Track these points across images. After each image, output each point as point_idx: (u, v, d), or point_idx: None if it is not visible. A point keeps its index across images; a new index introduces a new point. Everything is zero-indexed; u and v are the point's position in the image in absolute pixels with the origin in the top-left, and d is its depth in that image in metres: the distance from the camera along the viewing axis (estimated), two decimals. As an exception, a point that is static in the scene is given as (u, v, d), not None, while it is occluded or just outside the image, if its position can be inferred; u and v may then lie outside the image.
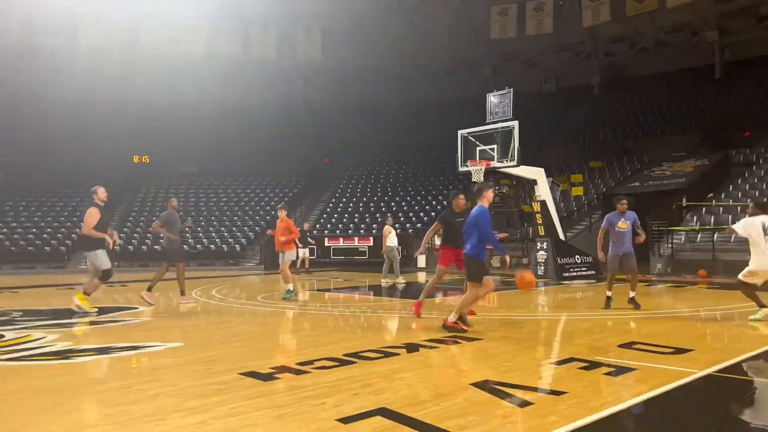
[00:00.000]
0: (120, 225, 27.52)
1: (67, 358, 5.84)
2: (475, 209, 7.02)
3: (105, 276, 9.19)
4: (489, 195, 7.17)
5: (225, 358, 5.70)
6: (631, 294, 9.11)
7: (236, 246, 26.50)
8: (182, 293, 10.94)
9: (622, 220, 9.02)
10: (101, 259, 9.07)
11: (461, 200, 8.42)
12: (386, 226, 16.55)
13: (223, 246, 26.48)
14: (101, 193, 9.27)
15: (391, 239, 16.22)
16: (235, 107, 38.27)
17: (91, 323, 8.33)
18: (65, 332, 7.51)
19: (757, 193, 20.18)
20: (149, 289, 10.51)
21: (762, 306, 7.78)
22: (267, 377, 4.82)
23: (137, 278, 16.57)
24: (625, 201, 9.18)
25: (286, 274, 11.56)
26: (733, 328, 7.55)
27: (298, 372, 5.01)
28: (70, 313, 8.94)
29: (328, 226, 28.11)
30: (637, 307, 8.90)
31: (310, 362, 5.38)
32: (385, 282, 15.47)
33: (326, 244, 24.98)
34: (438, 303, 10.44)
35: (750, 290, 7.89)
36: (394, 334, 7.67)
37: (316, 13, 35.95)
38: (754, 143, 24.95)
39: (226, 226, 28.58)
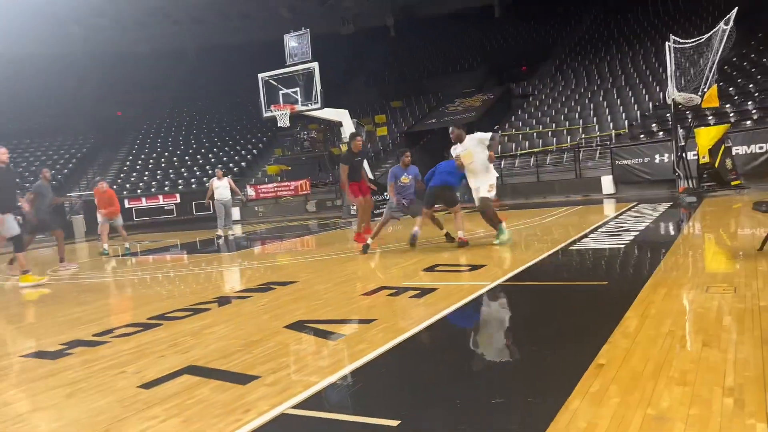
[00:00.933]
0: None
1: None
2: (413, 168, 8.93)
3: (17, 244, 8.49)
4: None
5: (2, 342, 4.99)
6: (416, 229, 8.70)
7: (19, 218, 23.29)
8: (62, 260, 10.85)
9: (405, 174, 8.90)
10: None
11: (359, 141, 9.58)
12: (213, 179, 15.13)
13: (2, 219, 23.15)
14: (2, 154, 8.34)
15: (220, 192, 14.85)
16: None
17: None
18: None
19: (534, 122, 22.61)
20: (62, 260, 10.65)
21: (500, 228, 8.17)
22: (56, 355, 4.31)
23: None
24: (408, 153, 9.12)
25: (104, 234, 12.87)
26: (520, 243, 8.43)
27: (94, 344, 4.55)
28: None
29: (127, 186, 25.95)
30: (412, 243, 8.66)
31: (109, 331, 4.93)
32: (222, 234, 14.62)
33: (127, 205, 23.06)
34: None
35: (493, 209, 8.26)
36: (205, 290, 7.34)
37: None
38: (530, 76, 27.75)
39: (2, 197, 24.96)
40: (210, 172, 26.06)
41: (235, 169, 26.74)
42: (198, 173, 26.61)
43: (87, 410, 3.11)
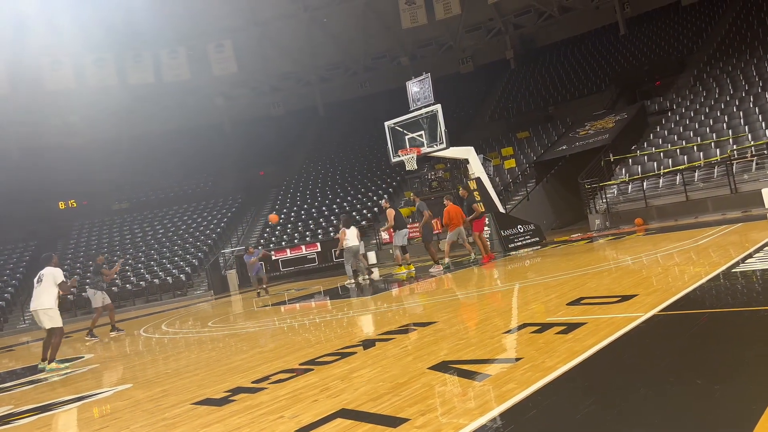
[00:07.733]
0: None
1: (7, 423, 5.48)
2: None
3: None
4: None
5: (176, 391, 5.47)
6: None
7: (181, 276, 25.74)
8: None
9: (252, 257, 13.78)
10: None
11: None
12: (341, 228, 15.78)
13: (168, 278, 25.66)
14: None
15: (348, 239, 15.44)
16: (158, 135, 37.27)
17: (33, 382, 7.87)
18: (3, 396, 7.06)
19: (675, 137, 21.12)
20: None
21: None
22: (222, 402, 4.65)
23: (80, 327, 15.85)
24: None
25: None
26: (674, 268, 7.83)
27: (254, 390, 4.85)
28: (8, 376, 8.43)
29: (273, 239, 27.70)
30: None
31: (266, 378, 5.24)
32: (362, 280, 15.13)
33: (274, 257, 24.57)
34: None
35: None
36: (350, 334, 7.57)
37: (224, 28, 35.42)
38: (665, 90, 26.10)
39: (167, 258, 27.73)
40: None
41: (368, 215, 27.61)
42: (335, 222, 27.78)
43: (252, 454, 3.31)
